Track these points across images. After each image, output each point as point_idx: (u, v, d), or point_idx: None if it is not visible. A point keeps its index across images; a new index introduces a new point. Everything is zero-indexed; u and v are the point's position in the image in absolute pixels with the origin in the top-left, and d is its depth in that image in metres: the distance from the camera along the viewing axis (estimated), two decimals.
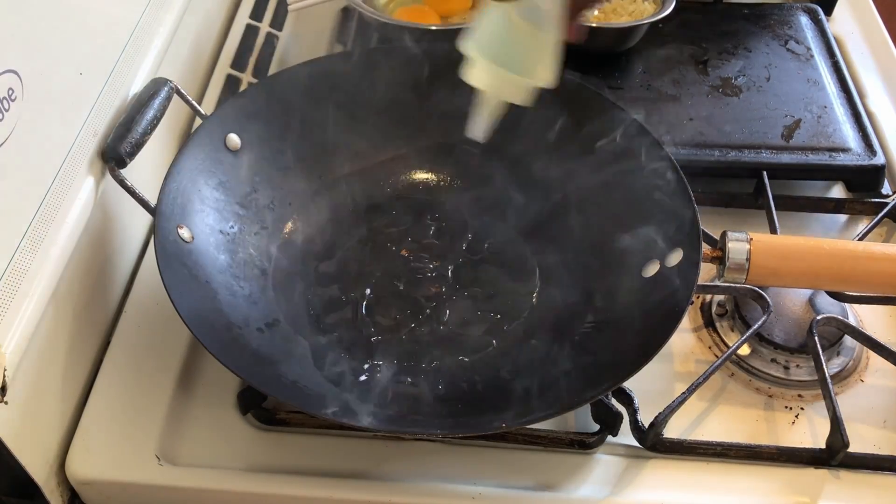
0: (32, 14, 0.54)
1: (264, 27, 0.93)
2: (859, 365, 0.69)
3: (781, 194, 0.79)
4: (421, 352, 0.67)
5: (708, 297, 0.73)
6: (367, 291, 0.71)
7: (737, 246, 0.63)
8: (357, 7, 0.88)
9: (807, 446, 0.63)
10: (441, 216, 0.77)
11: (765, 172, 0.79)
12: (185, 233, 0.65)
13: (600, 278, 0.70)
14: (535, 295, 0.71)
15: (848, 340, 0.69)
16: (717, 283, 0.66)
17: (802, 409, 0.66)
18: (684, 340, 0.71)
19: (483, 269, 0.73)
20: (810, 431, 0.65)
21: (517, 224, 0.75)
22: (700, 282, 0.63)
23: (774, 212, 0.75)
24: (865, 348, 0.69)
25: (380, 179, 0.78)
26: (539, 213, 0.75)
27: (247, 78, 0.88)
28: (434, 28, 0.88)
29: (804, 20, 0.98)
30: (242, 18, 0.92)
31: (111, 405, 0.63)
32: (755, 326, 0.66)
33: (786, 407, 0.66)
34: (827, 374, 0.63)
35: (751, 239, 0.63)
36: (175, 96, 0.70)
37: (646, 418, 0.62)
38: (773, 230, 0.74)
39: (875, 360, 0.69)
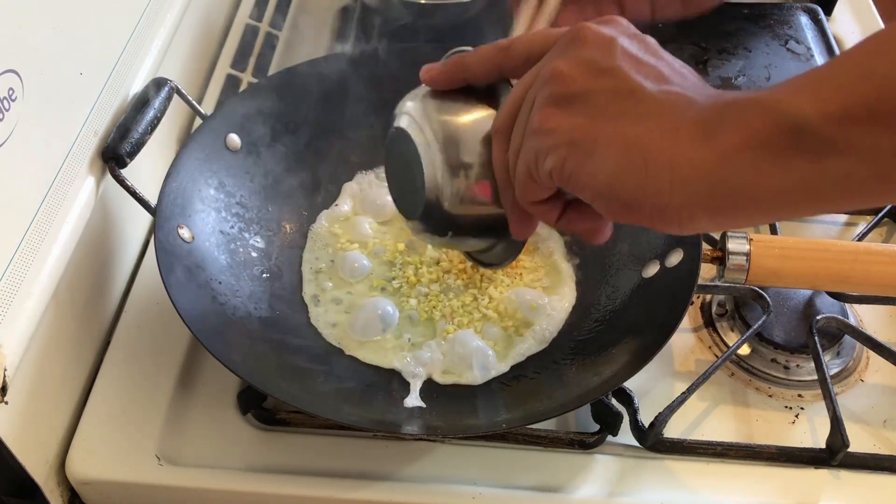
0: (32, 14, 0.54)
1: (264, 27, 0.93)
2: (859, 365, 0.69)
3: None
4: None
5: (708, 297, 0.73)
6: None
7: (737, 246, 0.63)
8: None
9: (807, 446, 0.63)
10: None
11: None
12: (185, 233, 0.65)
13: (601, 279, 0.70)
14: None
15: (848, 340, 0.69)
16: (717, 283, 0.66)
17: (802, 409, 0.66)
18: (684, 340, 0.71)
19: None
20: (810, 431, 0.65)
21: None
22: (700, 282, 0.63)
23: None
24: (865, 348, 0.69)
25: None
26: None
27: (247, 78, 0.88)
28: None
29: (804, 20, 0.98)
30: (242, 18, 0.92)
31: (111, 405, 0.63)
32: (755, 326, 0.66)
33: (786, 407, 0.66)
34: (827, 374, 0.63)
35: (751, 239, 0.63)
36: (175, 96, 0.70)
37: (646, 418, 0.62)
38: (773, 230, 0.74)
39: (875, 360, 0.69)
